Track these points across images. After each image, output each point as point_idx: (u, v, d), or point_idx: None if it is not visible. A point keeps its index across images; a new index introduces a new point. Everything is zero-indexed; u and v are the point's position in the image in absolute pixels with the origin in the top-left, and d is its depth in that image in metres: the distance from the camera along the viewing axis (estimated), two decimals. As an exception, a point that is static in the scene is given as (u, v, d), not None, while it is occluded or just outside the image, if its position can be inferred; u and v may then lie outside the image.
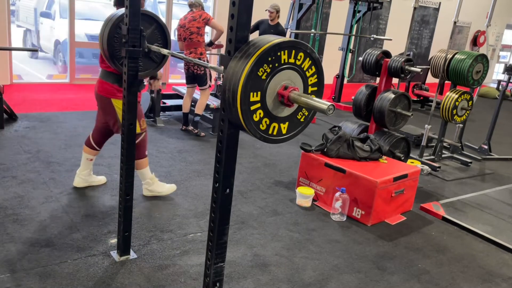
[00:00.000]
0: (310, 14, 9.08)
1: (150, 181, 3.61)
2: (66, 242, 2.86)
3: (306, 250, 3.10)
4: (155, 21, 2.69)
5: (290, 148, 5.17)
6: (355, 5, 7.50)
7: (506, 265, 3.23)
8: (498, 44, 14.70)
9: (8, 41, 6.87)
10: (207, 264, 1.91)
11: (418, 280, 2.91)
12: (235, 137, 1.72)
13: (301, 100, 1.57)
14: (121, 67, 2.56)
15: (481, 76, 5.15)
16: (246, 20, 1.60)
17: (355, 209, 3.61)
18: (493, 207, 4.23)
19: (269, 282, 2.69)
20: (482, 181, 5.03)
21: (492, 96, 10.85)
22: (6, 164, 3.95)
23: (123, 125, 2.55)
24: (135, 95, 2.52)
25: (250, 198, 3.84)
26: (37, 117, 5.42)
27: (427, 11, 12.13)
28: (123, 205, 2.65)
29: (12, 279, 2.44)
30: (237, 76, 1.52)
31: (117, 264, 2.69)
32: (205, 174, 4.24)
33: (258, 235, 3.22)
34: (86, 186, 3.66)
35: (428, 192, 4.45)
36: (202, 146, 5.11)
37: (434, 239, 3.48)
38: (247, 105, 1.54)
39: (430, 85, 9.33)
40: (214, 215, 1.82)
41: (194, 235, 3.12)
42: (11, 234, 2.87)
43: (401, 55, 4.67)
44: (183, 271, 2.69)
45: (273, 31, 6.42)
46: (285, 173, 4.51)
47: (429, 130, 5.19)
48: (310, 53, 1.63)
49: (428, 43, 12.61)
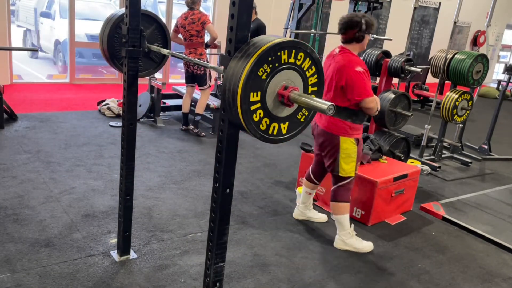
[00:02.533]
0: (310, 14, 9.07)
1: (350, 233, 3.15)
2: (66, 242, 2.86)
3: (306, 250, 3.10)
4: (155, 21, 2.69)
5: (290, 148, 5.17)
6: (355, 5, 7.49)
7: (506, 265, 3.23)
8: (498, 44, 14.70)
9: (8, 41, 6.87)
10: (207, 264, 1.91)
11: (418, 280, 2.91)
12: (235, 137, 1.72)
13: (301, 100, 1.56)
14: (121, 67, 2.56)
15: (481, 76, 5.15)
16: (246, 20, 1.60)
17: (355, 209, 3.61)
18: (493, 207, 4.23)
19: (269, 282, 2.69)
20: (482, 181, 5.03)
21: (492, 96, 10.85)
22: (6, 164, 3.95)
23: (123, 125, 2.55)
24: (135, 95, 2.52)
25: (250, 198, 3.84)
26: (37, 117, 5.42)
27: (427, 11, 12.13)
28: (123, 205, 2.65)
29: (12, 279, 2.44)
30: (237, 76, 1.52)
31: (117, 264, 2.69)
32: (205, 174, 4.24)
33: (258, 235, 3.22)
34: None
35: (428, 192, 4.45)
36: (202, 146, 5.11)
37: (434, 239, 3.48)
38: (247, 105, 1.54)
39: (430, 85, 9.32)
40: (214, 215, 1.82)
41: (194, 235, 3.12)
42: (11, 234, 2.87)
43: (401, 55, 4.66)
44: (183, 271, 2.69)
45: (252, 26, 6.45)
46: (285, 173, 4.51)
47: (429, 130, 5.19)
48: (310, 53, 1.63)
49: (428, 43, 12.61)
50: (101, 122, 5.55)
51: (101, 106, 5.95)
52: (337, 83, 2.95)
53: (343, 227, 3.13)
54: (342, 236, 3.15)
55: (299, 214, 3.53)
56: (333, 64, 2.99)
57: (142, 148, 4.73)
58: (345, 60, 2.94)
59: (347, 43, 3.02)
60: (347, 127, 2.98)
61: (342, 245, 3.16)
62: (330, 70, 3.00)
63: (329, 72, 3.01)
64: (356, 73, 2.88)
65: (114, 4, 10.03)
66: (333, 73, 2.97)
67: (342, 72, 2.92)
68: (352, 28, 2.95)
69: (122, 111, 2.59)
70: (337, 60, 2.98)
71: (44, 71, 8.83)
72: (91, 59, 8.91)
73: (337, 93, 2.98)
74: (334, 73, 2.96)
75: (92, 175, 3.93)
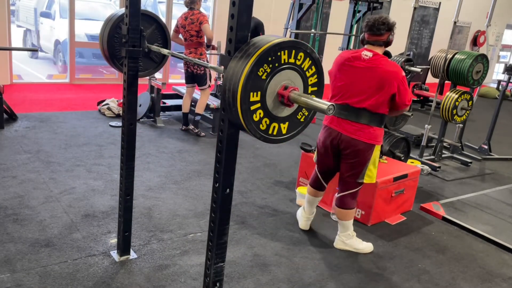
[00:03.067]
0: (310, 14, 9.07)
1: (350, 234, 3.16)
2: (66, 242, 2.86)
3: (306, 250, 3.10)
4: (155, 21, 2.69)
5: (290, 148, 5.17)
6: (355, 5, 7.49)
7: (506, 265, 3.23)
8: (498, 44, 14.70)
9: (8, 41, 6.87)
10: (207, 264, 1.91)
11: (418, 280, 2.91)
12: (235, 137, 1.72)
13: (301, 100, 1.56)
14: (121, 67, 2.56)
15: (481, 76, 5.15)
16: (246, 20, 1.60)
17: (355, 209, 3.60)
18: (493, 207, 4.23)
19: (269, 282, 2.69)
20: (482, 181, 5.03)
21: (492, 96, 10.85)
22: (6, 164, 3.95)
23: (123, 125, 2.55)
24: (135, 95, 2.52)
25: (250, 198, 3.84)
26: (37, 117, 5.42)
27: (427, 11, 12.13)
28: (123, 205, 2.65)
29: (12, 279, 2.44)
30: (237, 76, 1.52)
31: (117, 264, 2.69)
32: (205, 174, 4.24)
33: (258, 235, 3.22)
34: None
35: (428, 192, 4.45)
36: (202, 146, 5.11)
37: (434, 239, 3.48)
38: (247, 105, 1.54)
39: (430, 85, 9.32)
40: (214, 215, 1.82)
41: (194, 235, 3.12)
42: (11, 234, 2.87)
43: (401, 55, 4.67)
44: (183, 271, 2.69)
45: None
46: (285, 173, 4.51)
47: (429, 130, 5.19)
48: (310, 53, 1.63)
49: (428, 43, 12.60)
50: (101, 122, 5.55)
51: (101, 106, 5.95)
52: (388, 90, 2.80)
53: (347, 229, 3.13)
54: (342, 237, 3.15)
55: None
56: (375, 69, 2.80)
57: (142, 148, 4.73)
58: (392, 66, 2.83)
59: (378, 45, 2.86)
60: (380, 134, 2.95)
61: (342, 245, 3.16)
62: (370, 76, 2.80)
63: (368, 78, 2.81)
64: (404, 78, 2.85)
65: (114, 4, 10.03)
66: (380, 79, 2.79)
67: (393, 78, 2.79)
68: (389, 30, 2.84)
69: (122, 111, 2.59)
70: (380, 65, 2.80)
71: (44, 71, 8.82)
72: (91, 59, 8.91)
73: (382, 100, 2.82)
74: (383, 80, 2.79)
75: (92, 175, 3.93)
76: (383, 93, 2.82)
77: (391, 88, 2.80)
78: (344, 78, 2.88)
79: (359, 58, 2.85)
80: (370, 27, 2.85)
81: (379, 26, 2.82)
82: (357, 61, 2.84)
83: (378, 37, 2.85)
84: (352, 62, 2.86)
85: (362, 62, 2.84)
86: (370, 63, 2.83)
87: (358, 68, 2.84)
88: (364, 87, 2.83)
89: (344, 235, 3.14)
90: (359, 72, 2.84)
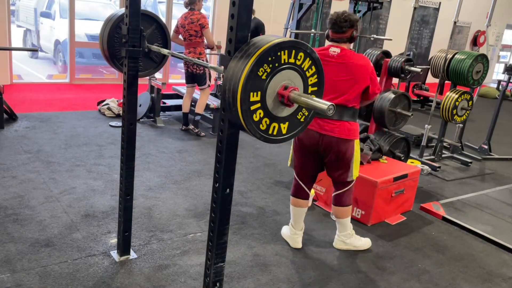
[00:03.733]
0: (310, 14, 9.07)
1: (350, 233, 3.14)
2: (66, 242, 2.86)
3: (306, 250, 3.10)
4: (155, 21, 2.69)
5: (290, 148, 5.16)
6: (355, 5, 7.49)
7: (506, 265, 3.23)
8: (498, 44, 14.70)
9: (8, 41, 6.87)
10: (207, 264, 1.91)
11: (418, 280, 2.91)
12: (235, 137, 1.72)
13: (301, 100, 1.56)
14: (121, 67, 2.56)
15: (481, 76, 5.15)
16: (246, 20, 1.60)
17: (355, 209, 3.61)
18: (493, 207, 4.23)
19: (269, 282, 2.69)
20: (482, 181, 5.02)
21: (492, 96, 10.84)
22: (6, 164, 3.95)
23: (123, 125, 2.55)
24: (135, 95, 2.52)
25: (250, 198, 3.84)
26: (37, 117, 5.42)
27: (427, 11, 12.12)
28: (123, 205, 2.65)
29: (12, 279, 2.44)
30: (237, 76, 1.52)
31: (117, 264, 2.69)
32: (205, 174, 4.24)
33: (258, 235, 3.22)
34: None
35: (428, 192, 4.45)
36: (202, 146, 5.11)
37: (434, 239, 3.48)
38: (247, 105, 1.54)
39: (430, 85, 9.32)
40: (214, 215, 1.82)
41: (194, 235, 3.12)
42: (11, 234, 2.87)
43: (401, 55, 4.66)
44: (183, 271, 2.69)
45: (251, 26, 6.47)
46: (285, 173, 4.51)
47: (429, 130, 5.19)
48: (310, 53, 1.63)
49: (428, 43, 12.60)
50: (101, 122, 5.55)
51: (101, 106, 5.95)
52: (362, 83, 2.83)
53: (346, 228, 3.11)
54: (342, 237, 3.13)
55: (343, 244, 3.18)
56: (346, 65, 2.80)
57: (142, 148, 4.73)
58: (362, 59, 2.86)
59: (342, 42, 2.84)
60: (357, 129, 2.93)
61: (342, 245, 3.15)
62: (342, 71, 2.80)
63: (341, 74, 2.80)
64: (373, 69, 2.91)
65: (114, 4, 10.03)
66: (352, 74, 2.80)
67: (365, 71, 2.83)
68: (352, 27, 2.82)
69: (122, 111, 2.59)
70: (350, 60, 2.80)
71: (44, 71, 8.83)
72: (91, 59, 8.91)
73: (356, 94, 2.84)
74: (356, 74, 2.81)
75: (92, 175, 3.93)
76: (357, 87, 2.84)
77: (365, 81, 2.84)
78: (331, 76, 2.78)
79: (327, 55, 2.82)
80: (333, 25, 2.82)
81: (341, 23, 2.79)
82: (327, 58, 2.81)
83: (341, 35, 2.83)
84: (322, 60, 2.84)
85: (331, 58, 2.82)
86: (340, 58, 2.82)
87: (329, 65, 2.77)
88: (338, 83, 2.82)
89: (344, 235, 3.12)
90: (330, 69, 2.77)
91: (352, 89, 2.83)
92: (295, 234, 3.12)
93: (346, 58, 2.82)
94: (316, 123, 2.85)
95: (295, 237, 3.12)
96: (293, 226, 3.13)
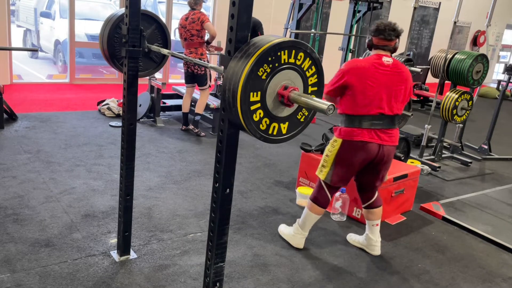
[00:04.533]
0: (310, 14, 9.07)
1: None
2: (66, 242, 2.86)
3: (306, 250, 3.10)
4: (155, 21, 2.69)
5: (290, 148, 5.17)
6: (355, 5, 7.50)
7: (506, 265, 3.23)
8: (498, 44, 14.70)
9: (8, 41, 6.88)
10: (207, 264, 1.91)
11: (418, 280, 2.91)
12: (235, 137, 1.72)
13: (301, 100, 1.56)
14: (121, 67, 2.56)
15: (481, 76, 5.15)
16: (246, 20, 1.60)
17: (355, 209, 3.61)
18: (493, 207, 4.23)
19: (269, 282, 2.69)
20: (482, 181, 5.03)
21: (492, 96, 10.85)
22: (6, 164, 3.95)
23: (123, 125, 2.55)
24: (135, 95, 2.52)
25: (250, 198, 3.84)
26: (37, 117, 5.42)
27: (427, 11, 12.13)
28: (123, 205, 2.65)
29: (12, 279, 2.44)
30: (237, 76, 1.52)
31: (117, 264, 2.69)
32: (205, 174, 4.24)
33: (258, 235, 3.22)
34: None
35: (428, 192, 4.45)
36: (202, 146, 5.12)
37: (434, 239, 3.48)
38: (247, 105, 1.54)
39: (430, 85, 9.33)
40: (214, 215, 1.82)
41: (194, 235, 3.12)
42: (11, 234, 2.87)
43: (401, 55, 4.67)
44: (183, 271, 2.69)
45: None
46: (285, 173, 4.51)
47: (429, 130, 5.19)
48: (310, 53, 1.63)
49: (428, 43, 12.61)
50: (101, 122, 5.55)
51: (101, 106, 5.95)
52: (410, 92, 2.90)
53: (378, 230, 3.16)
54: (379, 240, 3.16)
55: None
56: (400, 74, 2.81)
57: (142, 148, 4.73)
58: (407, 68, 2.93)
59: (388, 50, 2.82)
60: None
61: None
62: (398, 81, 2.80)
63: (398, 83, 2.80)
64: None
65: (114, 4, 10.03)
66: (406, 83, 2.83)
67: (411, 80, 2.90)
68: (397, 37, 2.83)
69: (122, 111, 2.59)
70: (402, 69, 2.83)
71: (44, 71, 8.83)
72: (91, 59, 8.92)
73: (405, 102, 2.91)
74: (407, 83, 2.84)
75: (92, 175, 3.93)
76: (408, 96, 2.89)
77: (411, 89, 2.92)
78: (375, 87, 2.74)
79: (383, 65, 2.78)
80: (381, 32, 2.79)
81: (390, 32, 2.79)
82: (383, 68, 2.77)
83: (389, 43, 2.81)
84: (378, 69, 2.76)
85: (387, 68, 2.78)
86: (394, 68, 2.80)
87: (386, 75, 2.77)
88: (398, 92, 2.81)
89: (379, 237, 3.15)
90: (390, 79, 2.78)
91: (405, 97, 2.88)
92: (301, 235, 3.10)
93: (399, 67, 2.82)
94: (375, 135, 2.79)
95: (300, 237, 3.10)
96: (301, 227, 3.09)
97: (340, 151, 2.84)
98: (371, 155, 2.82)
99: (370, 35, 2.87)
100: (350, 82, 2.75)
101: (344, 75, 2.77)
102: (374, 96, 2.75)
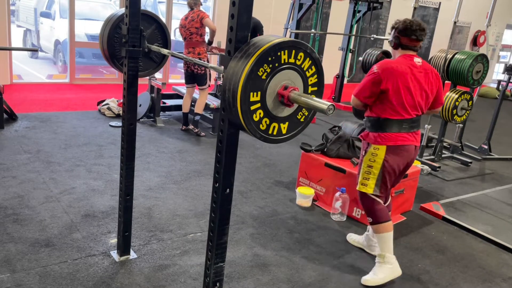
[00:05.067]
0: (310, 14, 9.07)
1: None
2: (66, 242, 2.86)
3: (306, 250, 3.10)
4: (155, 21, 2.69)
5: (290, 148, 5.17)
6: (355, 5, 7.50)
7: (506, 265, 3.23)
8: (498, 44, 14.69)
9: (8, 41, 6.87)
10: (207, 264, 1.91)
11: (418, 280, 2.91)
12: (235, 137, 1.72)
13: (301, 100, 1.56)
14: (121, 67, 2.56)
15: (481, 76, 5.15)
16: (246, 20, 1.60)
17: (355, 209, 3.61)
18: (493, 207, 4.23)
19: (269, 282, 2.69)
20: (482, 181, 5.03)
21: (492, 96, 10.85)
22: (6, 164, 3.95)
23: (123, 125, 2.55)
24: (135, 95, 2.52)
25: (250, 198, 3.84)
26: (37, 117, 5.42)
27: (427, 11, 12.13)
28: (123, 205, 2.65)
29: (12, 279, 2.44)
30: (237, 76, 1.52)
31: (117, 264, 2.69)
32: (205, 174, 4.24)
33: (258, 235, 3.22)
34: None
35: (428, 192, 4.45)
36: (202, 146, 5.12)
37: (434, 239, 3.48)
38: (247, 105, 1.54)
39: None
40: (214, 215, 1.82)
41: (194, 235, 3.12)
42: (11, 234, 2.87)
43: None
44: (183, 271, 2.69)
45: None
46: (285, 173, 4.51)
47: (429, 130, 5.19)
48: (310, 53, 1.63)
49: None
50: (101, 122, 5.55)
51: (101, 106, 5.95)
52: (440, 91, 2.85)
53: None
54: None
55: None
56: (430, 74, 2.76)
57: (142, 148, 4.73)
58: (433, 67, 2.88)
59: (416, 51, 2.77)
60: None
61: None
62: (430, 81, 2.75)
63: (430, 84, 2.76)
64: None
65: (114, 4, 10.03)
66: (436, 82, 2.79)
67: (440, 80, 2.84)
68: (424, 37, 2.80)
69: (122, 111, 2.59)
70: (430, 69, 2.77)
71: (44, 71, 8.83)
72: (91, 59, 8.92)
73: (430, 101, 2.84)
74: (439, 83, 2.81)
75: (92, 175, 3.93)
76: (440, 94, 2.86)
77: (441, 89, 2.86)
78: (414, 90, 2.68)
79: (416, 66, 2.71)
80: (413, 32, 2.69)
81: (421, 32, 2.70)
82: (416, 69, 2.70)
83: (418, 43, 2.73)
84: (413, 71, 2.69)
85: (419, 69, 2.72)
86: (425, 68, 2.74)
87: (421, 76, 2.72)
88: (429, 93, 2.77)
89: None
90: (422, 80, 2.72)
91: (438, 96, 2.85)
92: (389, 263, 2.80)
93: (428, 67, 2.76)
94: (412, 137, 2.74)
95: (391, 265, 2.80)
96: (385, 253, 2.80)
97: (387, 158, 2.72)
98: (412, 157, 2.78)
99: (396, 34, 2.73)
100: (390, 86, 2.64)
101: (382, 79, 2.64)
102: (413, 99, 2.69)
